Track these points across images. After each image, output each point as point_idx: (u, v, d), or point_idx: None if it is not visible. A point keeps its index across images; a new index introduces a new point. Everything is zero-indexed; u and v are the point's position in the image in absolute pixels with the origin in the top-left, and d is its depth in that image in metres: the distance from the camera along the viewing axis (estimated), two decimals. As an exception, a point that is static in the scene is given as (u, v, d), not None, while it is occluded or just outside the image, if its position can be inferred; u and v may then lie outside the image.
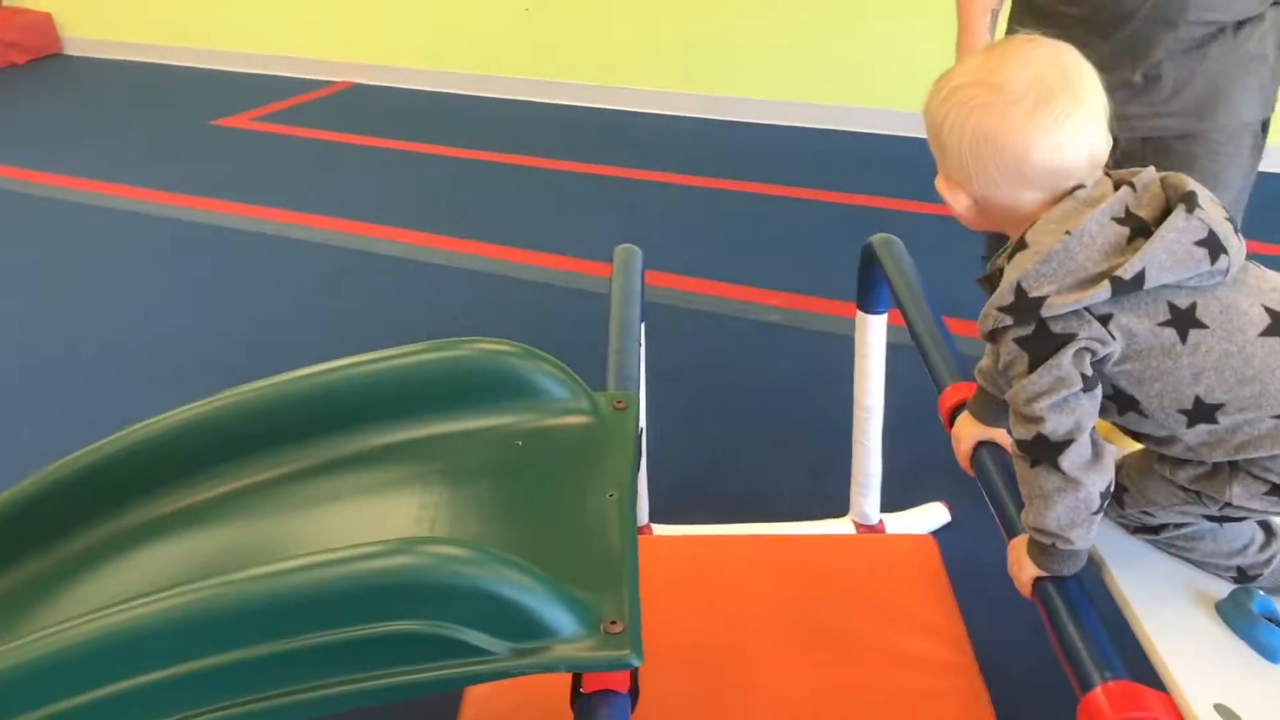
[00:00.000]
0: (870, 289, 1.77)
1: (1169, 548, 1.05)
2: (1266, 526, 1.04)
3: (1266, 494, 0.95)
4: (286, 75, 5.54)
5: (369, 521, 1.09)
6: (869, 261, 1.72)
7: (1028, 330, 0.93)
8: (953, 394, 1.26)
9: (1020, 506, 1.07)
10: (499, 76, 5.07)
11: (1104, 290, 0.89)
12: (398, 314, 3.10)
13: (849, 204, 3.72)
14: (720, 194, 3.90)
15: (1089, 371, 0.93)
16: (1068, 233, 0.91)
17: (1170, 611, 0.99)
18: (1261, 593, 1.00)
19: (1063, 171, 0.95)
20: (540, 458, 1.12)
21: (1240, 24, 1.60)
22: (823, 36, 4.40)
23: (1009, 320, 0.93)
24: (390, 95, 5.22)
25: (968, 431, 1.20)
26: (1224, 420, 0.92)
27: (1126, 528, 1.07)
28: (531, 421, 1.17)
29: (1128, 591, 1.00)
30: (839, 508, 2.05)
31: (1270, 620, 0.98)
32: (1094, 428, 0.95)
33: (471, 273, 3.33)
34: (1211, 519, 1.01)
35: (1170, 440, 0.96)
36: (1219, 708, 0.87)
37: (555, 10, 4.84)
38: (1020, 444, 0.96)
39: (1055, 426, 0.93)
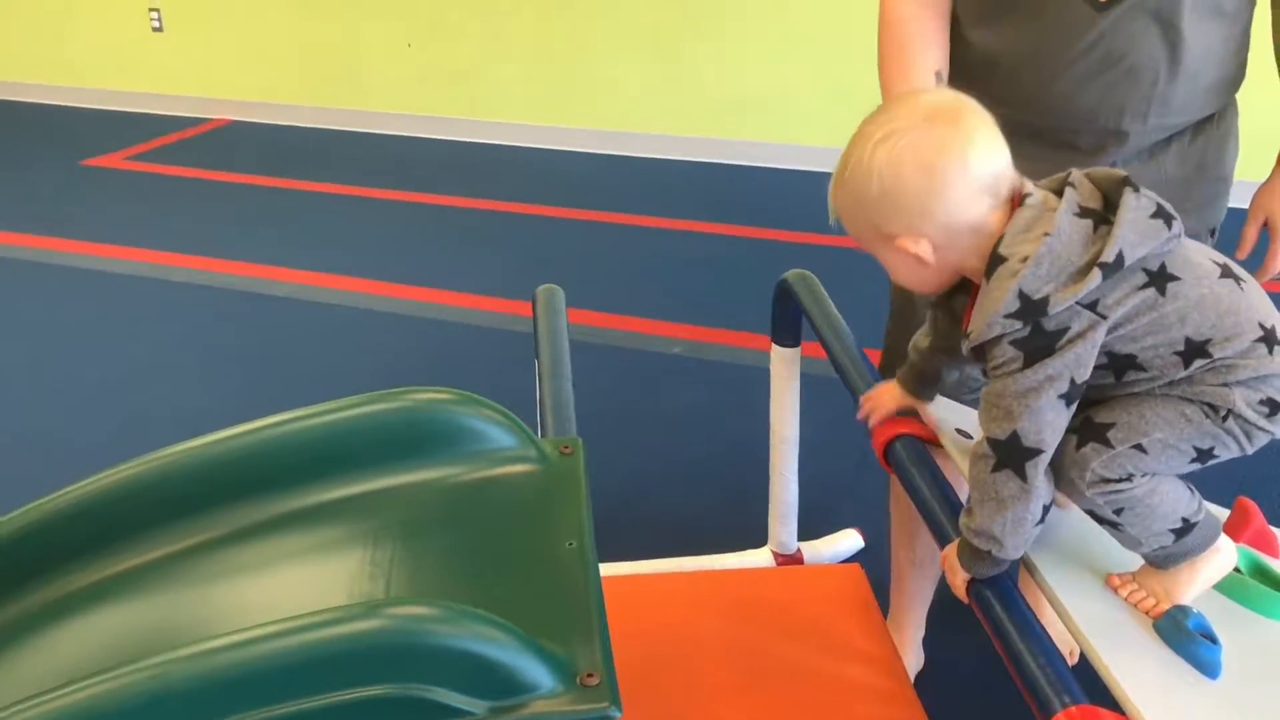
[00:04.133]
0: (785, 323, 1.80)
1: (1118, 521, 1.03)
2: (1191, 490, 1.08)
3: (1261, 404, 1.00)
4: (159, 113, 5.39)
5: (319, 583, 1.06)
6: (784, 296, 1.75)
7: (1025, 332, 0.98)
8: (888, 429, 1.29)
9: (946, 504, 1.14)
10: (382, 112, 5.03)
11: (1095, 278, 0.95)
12: (295, 357, 3.03)
13: (739, 236, 3.78)
14: (611, 228, 3.93)
15: (1080, 378, 0.98)
16: (1046, 234, 0.98)
17: (1113, 631, 1.03)
18: (1195, 610, 1.05)
19: (1003, 173, 1.02)
20: (491, 508, 1.11)
21: (1198, 126, 1.44)
22: (705, 73, 4.48)
23: (1017, 325, 0.98)
24: (270, 132, 5.13)
25: (890, 395, 1.28)
26: (1216, 352, 0.99)
27: (1082, 489, 1.04)
28: (478, 471, 1.15)
29: (1074, 615, 1.03)
30: (755, 537, 2.08)
31: (1205, 637, 1.03)
32: None
33: (367, 312, 3.28)
34: (1200, 454, 1.02)
35: (1170, 382, 1.01)
36: (1174, 727, 0.90)
37: (438, 45, 4.83)
38: (992, 443, 1.01)
39: (1029, 427, 0.98)
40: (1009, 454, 0.99)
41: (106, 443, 2.55)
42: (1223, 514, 1.20)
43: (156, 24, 5.28)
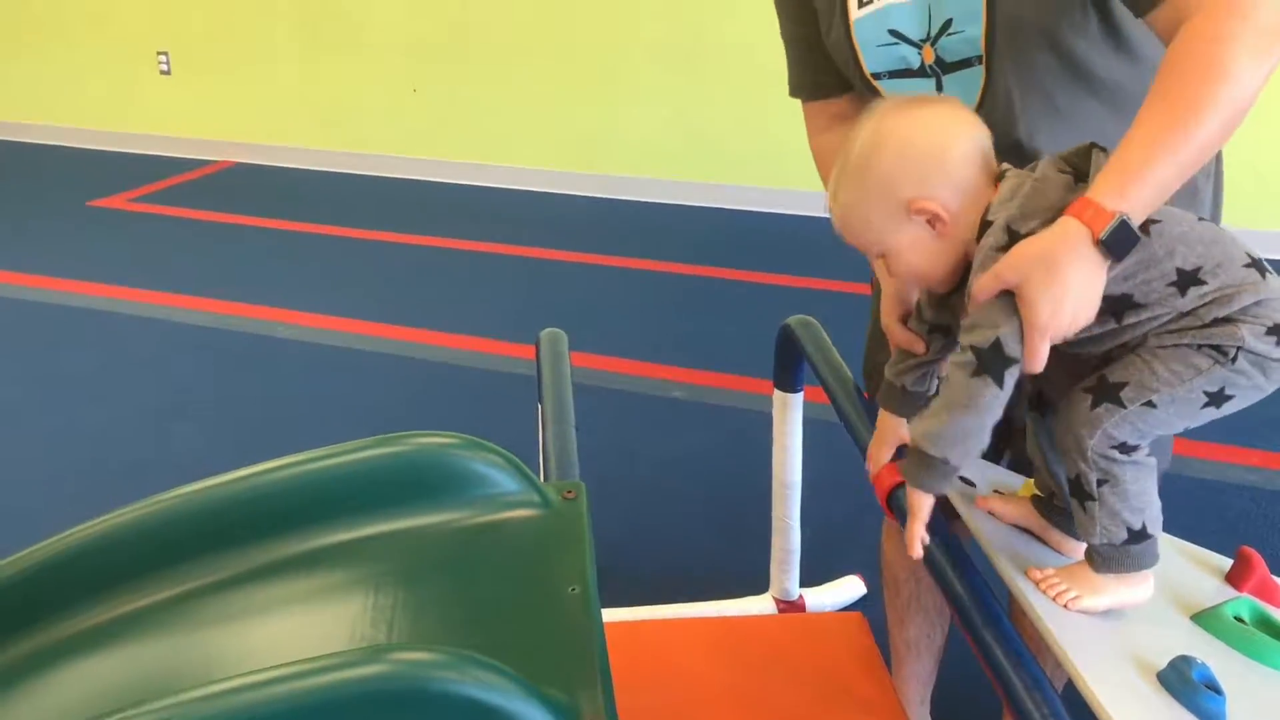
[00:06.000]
0: (788, 369, 1.80)
1: (1097, 495, 1.06)
2: None
3: (1267, 334, 1.02)
4: (164, 155, 5.43)
5: (321, 628, 1.05)
6: (786, 341, 1.76)
7: (1005, 246, 1.02)
8: (888, 474, 1.29)
9: (948, 550, 1.13)
10: (387, 155, 5.06)
11: None
12: (298, 398, 3.04)
13: (741, 280, 3.80)
14: (613, 271, 3.95)
15: None
16: (1035, 178, 1.04)
17: (1117, 681, 1.02)
18: (1200, 660, 1.04)
19: (990, 147, 1.10)
20: (494, 553, 1.11)
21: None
22: (707, 118, 4.52)
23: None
24: (274, 175, 5.16)
25: (882, 429, 1.29)
26: (1210, 280, 1.02)
27: (1095, 463, 1.06)
28: (481, 516, 1.15)
29: (1078, 664, 1.03)
30: (757, 582, 2.08)
31: (1210, 688, 1.02)
32: None
33: (370, 354, 3.29)
34: (1212, 398, 1.04)
35: (1175, 318, 1.04)
36: (1180, 780, 0.90)
37: (443, 90, 4.87)
38: (975, 350, 1.03)
39: (1012, 336, 1.01)
40: (991, 360, 1.02)
41: (108, 485, 2.55)
42: (1225, 563, 1.20)
43: (164, 68, 5.33)
